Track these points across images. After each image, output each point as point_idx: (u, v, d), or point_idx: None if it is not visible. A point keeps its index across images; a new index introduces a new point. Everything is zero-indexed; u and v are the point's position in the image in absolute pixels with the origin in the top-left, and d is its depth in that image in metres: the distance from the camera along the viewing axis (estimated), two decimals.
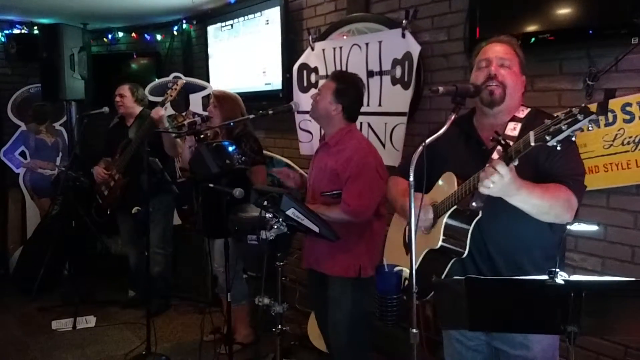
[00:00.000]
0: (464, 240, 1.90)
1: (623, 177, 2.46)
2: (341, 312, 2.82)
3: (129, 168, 4.22)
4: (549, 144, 1.50)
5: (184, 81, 4.50)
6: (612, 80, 2.48)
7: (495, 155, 1.86)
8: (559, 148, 1.51)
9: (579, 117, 1.44)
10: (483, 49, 2.03)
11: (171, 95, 4.08)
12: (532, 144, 1.55)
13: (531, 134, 1.55)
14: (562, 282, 1.52)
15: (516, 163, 1.64)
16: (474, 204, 1.81)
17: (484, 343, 2.12)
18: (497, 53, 1.98)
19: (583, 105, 1.47)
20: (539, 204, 1.79)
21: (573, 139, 1.49)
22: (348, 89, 2.81)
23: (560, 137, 1.48)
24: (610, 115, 2.46)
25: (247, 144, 3.49)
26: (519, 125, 1.93)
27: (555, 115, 1.51)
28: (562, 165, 1.86)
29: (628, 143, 2.43)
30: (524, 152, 1.60)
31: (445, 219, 1.93)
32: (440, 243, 1.92)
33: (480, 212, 1.86)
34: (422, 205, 1.91)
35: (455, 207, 1.90)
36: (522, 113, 1.98)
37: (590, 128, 1.49)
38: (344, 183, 2.72)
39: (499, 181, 1.66)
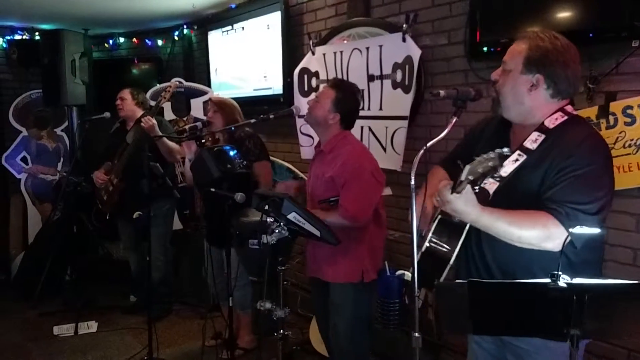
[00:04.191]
0: (452, 248, 1.88)
1: (624, 180, 2.46)
2: (343, 319, 2.82)
3: (127, 172, 4.23)
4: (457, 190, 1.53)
5: (177, 83, 4.50)
6: (613, 83, 2.48)
7: (510, 163, 1.79)
8: (476, 189, 1.51)
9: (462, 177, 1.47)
10: None
11: (165, 98, 4.09)
12: (463, 179, 1.54)
13: (467, 168, 1.53)
14: (565, 285, 1.51)
15: (459, 192, 1.61)
16: (457, 218, 1.79)
17: (499, 349, 2.07)
18: (506, 55, 1.88)
19: (501, 151, 1.46)
20: (504, 233, 1.74)
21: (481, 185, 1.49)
22: (347, 98, 2.81)
23: (459, 188, 1.50)
24: (611, 118, 2.46)
25: (250, 141, 3.51)
26: (542, 138, 1.79)
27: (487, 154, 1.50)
28: (562, 190, 1.72)
29: (629, 146, 2.43)
30: (459, 188, 1.58)
31: (434, 224, 1.92)
32: (426, 245, 1.91)
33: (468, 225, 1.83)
34: (423, 206, 1.90)
35: (439, 216, 1.89)
36: (553, 122, 1.80)
37: (475, 189, 1.50)
38: (341, 188, 2.72)
39: (447, 205, 1.67)
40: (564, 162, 1.72)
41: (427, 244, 1.90)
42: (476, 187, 1.61)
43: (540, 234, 1.71)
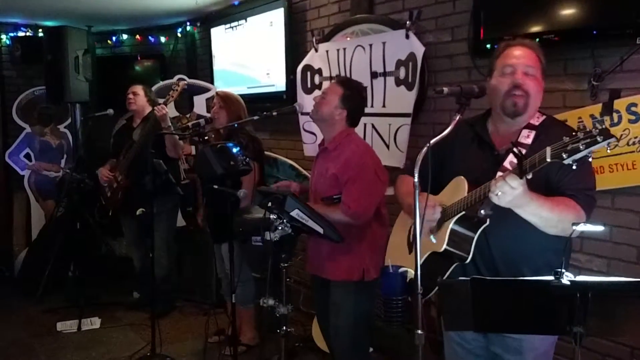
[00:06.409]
0: (469, 246, 1.90)
1: (628, 178, 2.45)
2: (343, 317, 2.81)
3: (132, 170, 4.23)
4: (565, 162, 1.49)
5: (186, 82, 4.52)
6: (617, 81, 2.47)
7: (507, 164, 1.85)
8: (574, 167, 1.50)
9: (598, 138, 1.43)
10: (507, 52, 1.98)
11: (172, 97, 4.10)
12: (548, 159, 1.53)
13: (548, 149, 1.53)
14: (568, 283, 1.51)
15: (530, 177, 1.62)
16: (482, 211, 1.79)
17: (482, 346, 2.12)
18: (522, 59, 1.93)
19: (603, 127, 1.45)
20: (548, 217, 1.78)
21: (590, 159, 1.48)
22: (354, 96, 2.82)
23: (577, 156, 1.47)
24: (615, 115, 2.45)
25: (250, 144, 3.48)
26: (532, 133, 1.91)
27: (573, 132, 1.49)
28: (574, 179, 1.83)
29: (633, 143, 2.42)
30: (539, 167, 1.58)
31: (451, 224, 1.92)
32: (444, 247, 1.92)
33: (488, 220, 1.85)
34: (426, 204, 1.90)
35: (463, 212, 1.89)
36: (537, 120, 1.96)
37: (608, 151, 1.48)
38: (343, 185, 2.71)
39: (510, 193, 1.66)
40: None
41: (445, 246, 1.91)
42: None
43: (573, 217, 1.79)
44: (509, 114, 1.95)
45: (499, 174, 1.82)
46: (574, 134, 1.49)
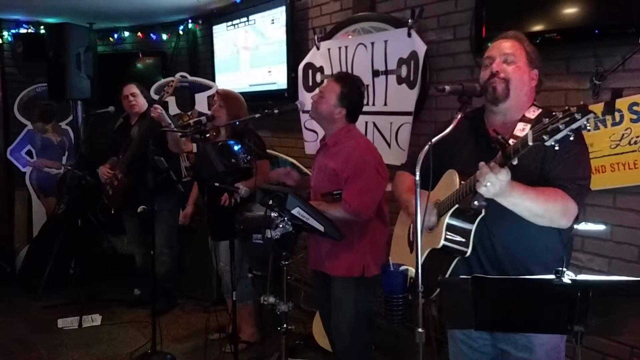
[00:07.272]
0: (467, 239, 1.89)
1: (630, 177, 2.45)
2: (344, 313, 2.82)
3: (132, 167, 4.24)
4: (547, 143, 1.48)
5: (179, 78, 4.51)
6: (619, 80, 2.47)
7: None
8: (557, 148, 1.48)
9: (577, 116, 1.42)
10: (489, 47, 2.02)
11: (167, 92, 4.10)
12: (530, 143, 1.52)
13: (529, 133, 1.53)
14: (569, 282, 1.51)
15: (515, 162, 1.62)
16: (475, 202, 1.77)
17: (488, 344, 2.11)
18: (501, 49, 1.96)
19: (581, 103, 1.44)
20: (531, 207, 1.77)
21: (571, 138, 1.46)
22: (352, 92, 2.81)
23: (558, 136, 1.46)
24: (617, 114, 2.45)
25: (250, 139, 3.49)
26: (528, 127, 1.88)
27: (553, 113, 1.49)
28: (565, 168, 1.82)
29: (635, 143, 2.42)
30: (523, 152, 1.57)
31: (447, 219, 1.91)
32: (442, 242, 1.91)
33: (483, 210, 1.84)
34: (427, 203, 1.89)
35: (456, 206, 1.89)
36: (533, 113, 1.93)
37: (588, 128, 1.46)
38: (344, 182, 2.71)
39: (496, 182, 1.65)
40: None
41: (442, 242, 1.90)
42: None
43: (562, 209, 1.79)
44: (491, 101, 1.96)
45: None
46: (553, 114, 1.48)
